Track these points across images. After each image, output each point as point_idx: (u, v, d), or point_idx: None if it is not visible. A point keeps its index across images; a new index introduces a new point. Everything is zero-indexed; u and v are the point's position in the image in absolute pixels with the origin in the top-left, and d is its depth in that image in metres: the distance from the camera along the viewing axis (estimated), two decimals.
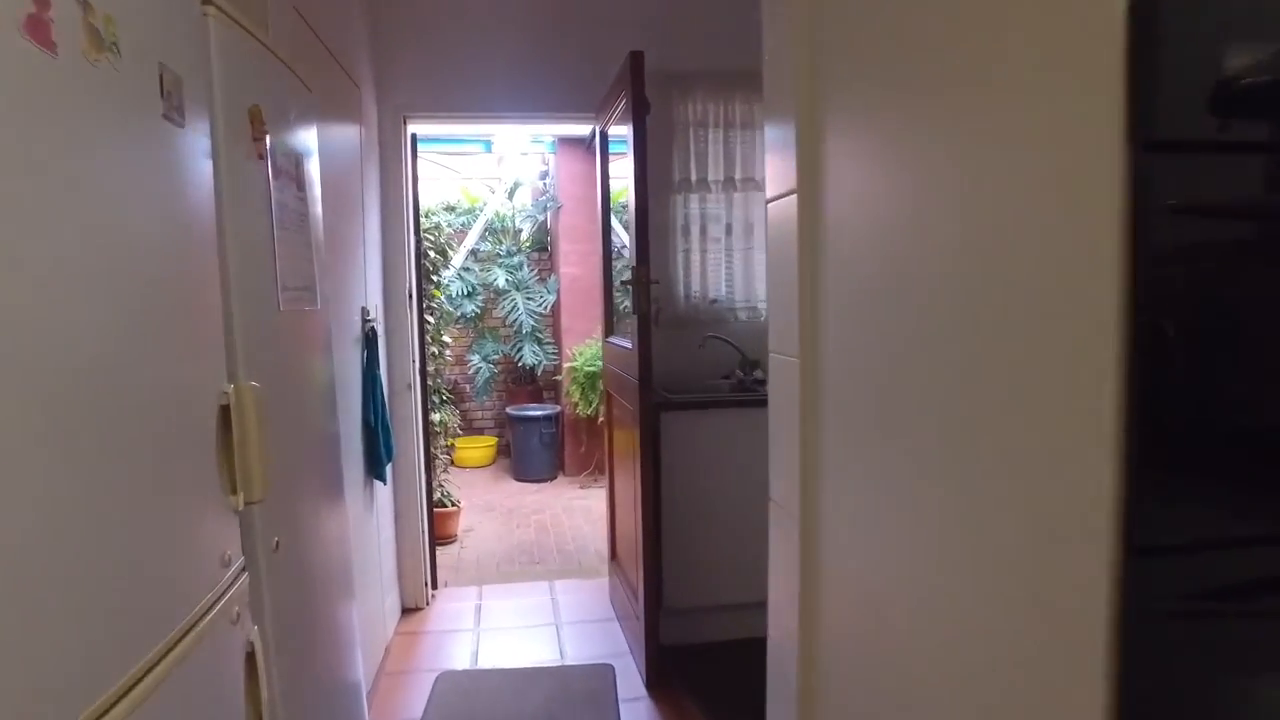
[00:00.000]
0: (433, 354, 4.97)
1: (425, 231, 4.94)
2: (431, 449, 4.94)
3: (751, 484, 3.25)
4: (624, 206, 6.74)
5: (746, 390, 3.37)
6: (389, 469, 3.12)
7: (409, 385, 3.46)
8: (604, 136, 3.42)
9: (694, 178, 3.52)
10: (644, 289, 2.60)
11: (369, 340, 2.91)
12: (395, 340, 3.42)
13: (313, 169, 1.76)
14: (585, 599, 3.68)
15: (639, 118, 2.70)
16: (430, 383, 4.99)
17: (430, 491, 3.70)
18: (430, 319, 4.92)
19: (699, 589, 3.12)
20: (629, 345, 2.89)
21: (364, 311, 2.92)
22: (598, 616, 3.49)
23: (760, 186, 3.58)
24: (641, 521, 2.76)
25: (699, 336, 3.48)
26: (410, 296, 3.49)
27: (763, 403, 3.28)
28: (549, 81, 3.46)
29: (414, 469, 3.49)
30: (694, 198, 3.54)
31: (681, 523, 3.06)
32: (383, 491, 3.14)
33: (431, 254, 4.91)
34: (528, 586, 3.88)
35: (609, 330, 3.48)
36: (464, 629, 3.39)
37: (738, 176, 3.56)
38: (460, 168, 7.87)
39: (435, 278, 4.95)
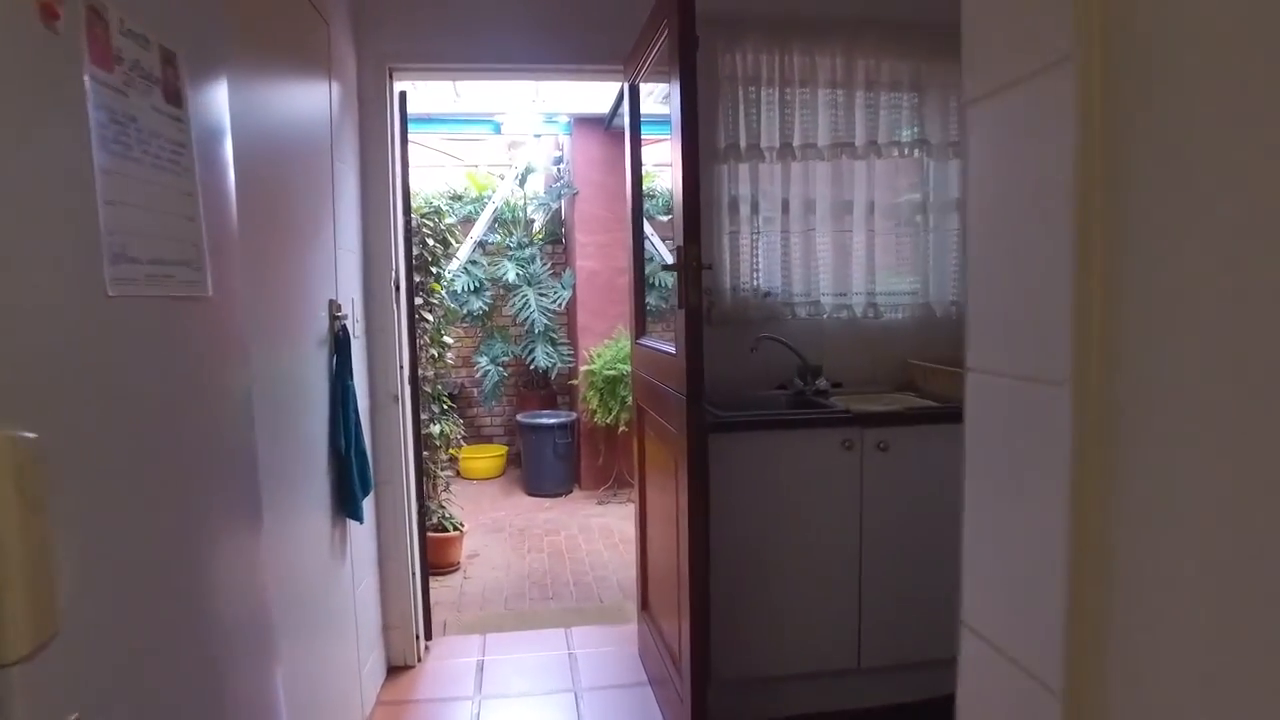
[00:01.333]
0: (431, 357, 4.36)
1: (424, 216, 4.35)
2: (432, 467, 4.34)
3: (820, 525, 2.61)
4: (648, 194, 6.12)
5: (809, 405, 2.73)
6: (367, 504, 2.50)
7: (395, 397, 2.84)
8: (634, 94, 2.79)
9: (743, 144, 2.88)
10: (694, 276, 1.97)
11: (339, 342, 2.30)
12: (378, 342, 2.80)
13: (212, 85, 1.14)
14: (610, 654, 3.05)
15: (687, 53, 2.07)
16: (429, 390, 4.39)
17: (423, 526, 3.08)
18: (429, 317, 4.31)
19: (754, 655, 2.49)
20: (670, 350, 2.26)
21: (333, 306, 2.30)
22: (626, 680, 2.85)
23: (823, 155, 2.94)
24: (689, 577, 2.13)
25: (748, 337, 2.85)
26: (397, 288, 2.87)
27: (834, 422, 2.67)
28: (568, 22, 2.82)
29: (401, 501, 2.87)
30: (743, 168, 2.90)
31: (730, 571, 2.43)
32: (360, 531, 2.52)
33: (430, 242, 4.30)
34: (539, 637, 3.25)
35: (640, 330, 2.84)
36: (462, 696, 2.77)
37: (796, 143, 2.92)
38: (465, 154, 7.27)
39: (435, 270, 4.33)
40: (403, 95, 2.93)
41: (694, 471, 2.04)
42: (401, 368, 2.89)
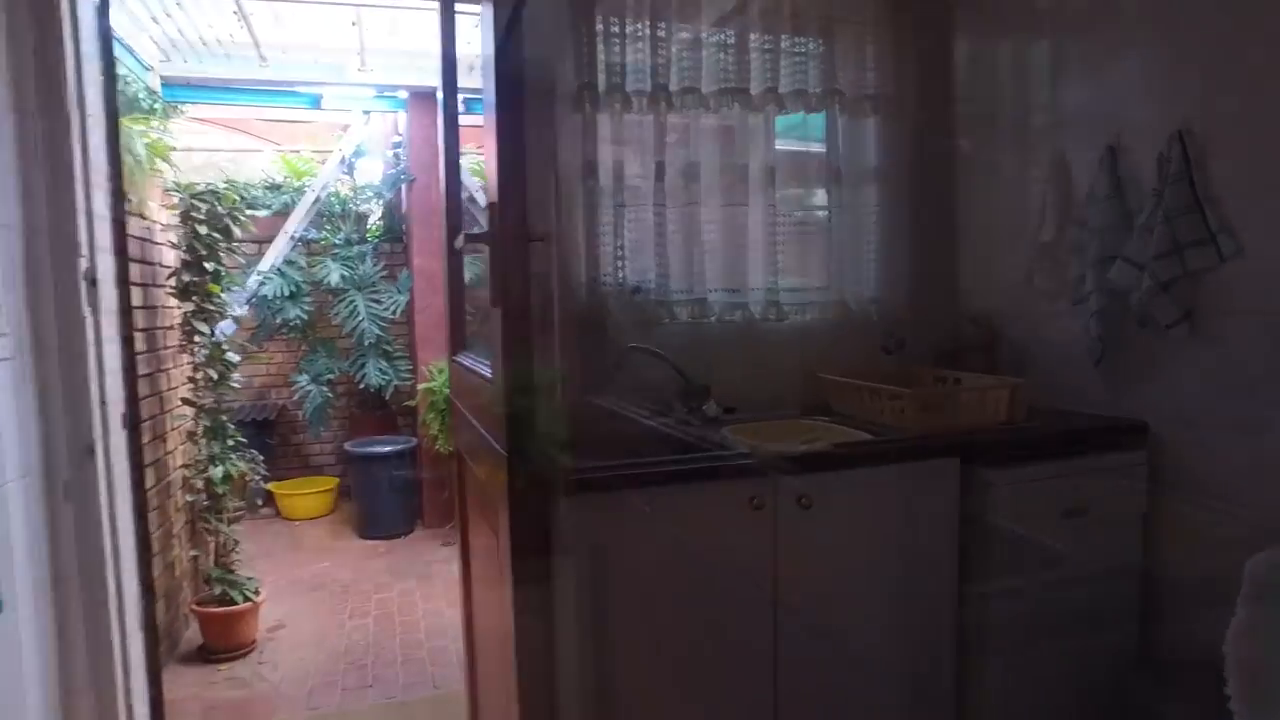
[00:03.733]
0: (210, 380, 3.36)
1: (195, 197, 3.35)
2: (212, 521, 3.35)
3: (719, 618, 1.65)
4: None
5: (695, 445, 1.96)
6: (35, 618, 1.55)
7: (90, 448, 1.89)
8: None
9: (603, 85, 2.11)
10: (516, 253, 1.17)
11: None
12: (53, 366, 1.85)
13: None
14: None
15: None
16: (210, 424, 3.39)
17: (153, 635, 2.11)
18: (203, 327, 3.32)
19: None
20: (487, 372, 1.45)
21: None
22: None
23: (708, 104, 2.21)
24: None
25: (611, 348, 2.07)
26: (92, 284, 1.92)
27: (734, 471, 1.49)
28: None
29: (107, 606, 1.91)
30: (602, 120, 2.12)
31: (595, 688, 1.63)
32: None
33: (203, 231, 3.30)
34: None
35: (458, 344, 2.01)
36: None
37: (673, 86, 2.18)
38: (287, 139, 6.22)
39: (212, 266, 3.34)
40: (102, 4, 1.99)
41: (519, 572, 1.24)
42: (105, 404, 1.94)
